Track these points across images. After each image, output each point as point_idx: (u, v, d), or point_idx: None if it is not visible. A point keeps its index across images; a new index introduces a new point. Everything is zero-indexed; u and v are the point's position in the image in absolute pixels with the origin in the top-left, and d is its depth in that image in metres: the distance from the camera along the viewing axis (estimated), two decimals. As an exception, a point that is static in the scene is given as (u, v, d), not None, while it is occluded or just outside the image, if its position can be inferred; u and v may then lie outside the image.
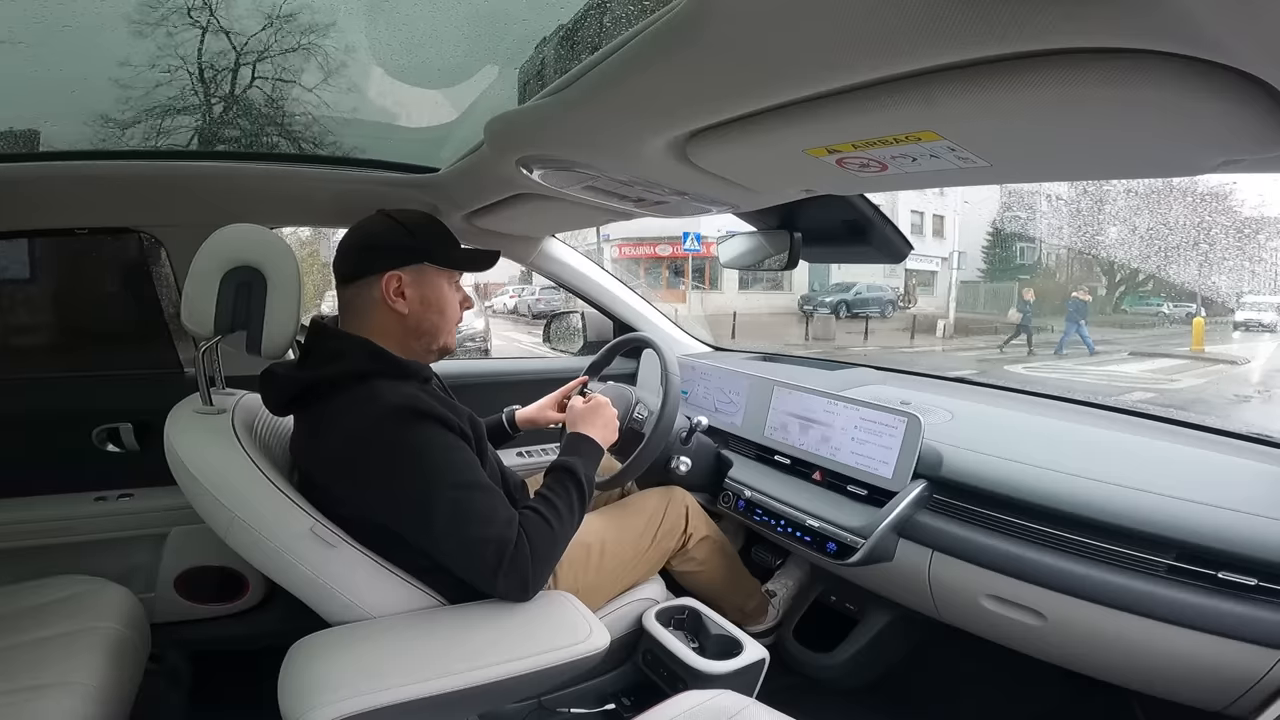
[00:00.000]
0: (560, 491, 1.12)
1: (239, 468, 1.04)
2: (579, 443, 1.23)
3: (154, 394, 1.27)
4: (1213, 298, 12.72)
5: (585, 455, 1.21)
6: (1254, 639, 0.94)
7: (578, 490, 1.14)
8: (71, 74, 1.25)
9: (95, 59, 1.24)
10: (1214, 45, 0.46)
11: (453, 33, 1.27)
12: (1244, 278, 10.64)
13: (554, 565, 1.10)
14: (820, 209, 1.41)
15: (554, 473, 1.17)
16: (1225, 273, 10.41)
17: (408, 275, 1.12)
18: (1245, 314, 12.25)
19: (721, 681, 1.25)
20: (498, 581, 1.01)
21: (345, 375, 1.06)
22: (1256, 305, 12.07)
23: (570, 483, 1.14)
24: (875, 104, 0.63)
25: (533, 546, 1.02)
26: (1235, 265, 10.33)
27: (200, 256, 1.09)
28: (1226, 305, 12.67)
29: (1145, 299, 16.69)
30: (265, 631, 1.66)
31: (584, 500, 1.15)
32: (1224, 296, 12.18)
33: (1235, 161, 0.66)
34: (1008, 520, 1.20)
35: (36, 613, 1.25)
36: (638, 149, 0.91)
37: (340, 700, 0.88)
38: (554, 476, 1.16)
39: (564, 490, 1.13)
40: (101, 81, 1.30)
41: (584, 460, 1.19)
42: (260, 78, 1.44)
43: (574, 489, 1.14)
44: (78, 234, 1.64)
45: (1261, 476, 1.17)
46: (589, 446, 1.23)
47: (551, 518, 1.07)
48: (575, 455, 1.19)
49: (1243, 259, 10.28)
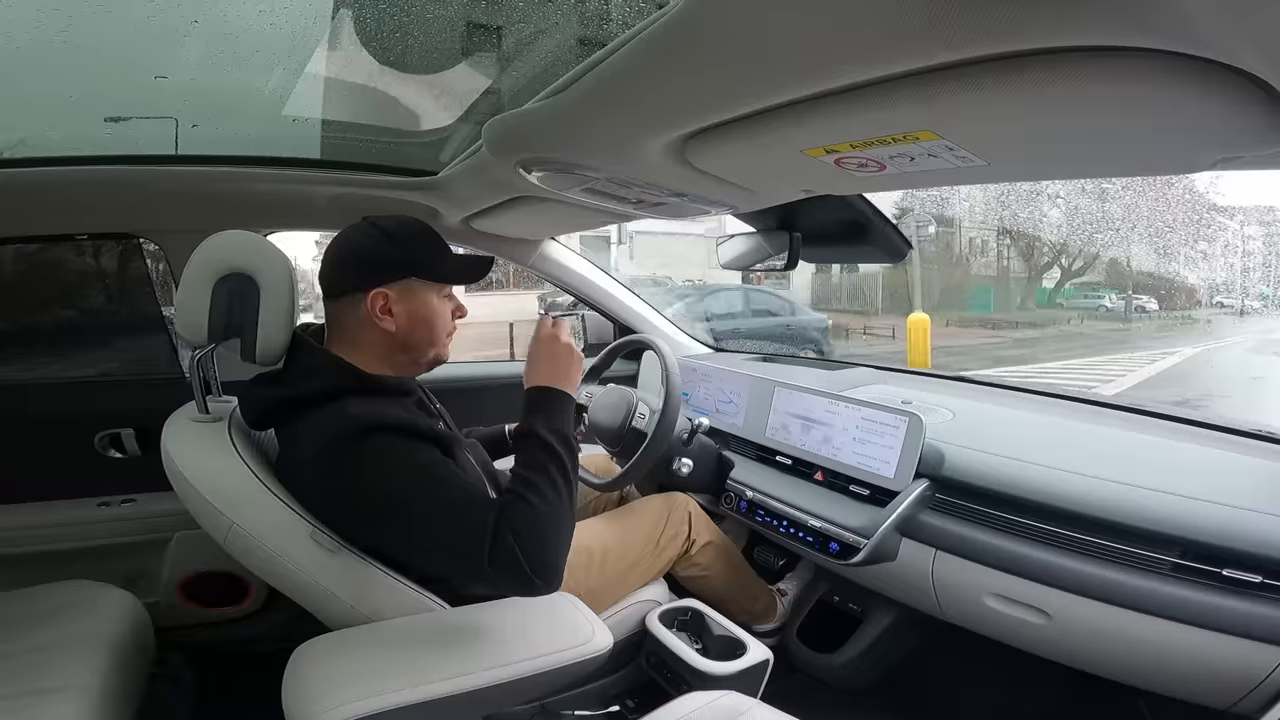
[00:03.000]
0: (529, 463, 1.02)
1: (235, 475, 1.04)
2: (532, 400, 1.10)
3: (156, 399, 1.27)
4: (1173, 289, 11.47)
5: (544, 411, 1.08)
6: (1259, 636, 0.93)
7: (545, 452, 1.02)
8: (69, 79, 1.25)
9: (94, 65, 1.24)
10: (1210, 43, 0.46)
11: (448, 32, 1.27)
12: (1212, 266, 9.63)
13: (559, 547, 0.99)
14: (819, 209, 1.41)
15: (516, 445, 1.08)
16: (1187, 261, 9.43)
17: (394, 292, 1.08)
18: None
19: (725, 682, 1.25)
20: (489, 572, 0.94)
21: (317, 394, 1.04)
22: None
23: (535, 449, 1.03)
24: (873, 104, 0.63)
25: (517, 535, 0.93)
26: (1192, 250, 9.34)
27: (192, 264, 1.08)
28: (1195, 297, 11.60)
29: (1090, 291, 13.99)
30: (269, 635, 1.66)
31: (560, 460, 1.03)
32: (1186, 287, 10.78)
33: (1232, 159, 0.66)
34: (1011, 519, 1.20)
35: (40, 618, 1.25)
36: (636, 150, 0.91)
37: (345, 704, 0.88)
38: (519, 450, 1.06)
39: (533, 461, 1.02)
40: (101, 86, 1.30)
41: (544, 417, 1.07)
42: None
43: (541, 453, 1.02)
44: (77, 239, 1.65)
45: (1266, 473, 1.17)
46: (541, 397, 1.10)
47: (529, 495, 0.97)
48: (533, 415, 1.08)
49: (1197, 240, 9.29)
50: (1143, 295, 12.31)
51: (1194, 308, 11.50)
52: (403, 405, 1.09)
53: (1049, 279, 14.61)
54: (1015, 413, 1.62)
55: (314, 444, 1.02)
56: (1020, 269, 14.78)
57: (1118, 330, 12.33)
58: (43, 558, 1.54)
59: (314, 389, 1.05)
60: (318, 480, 1.03)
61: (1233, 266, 10.71)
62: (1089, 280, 13.89)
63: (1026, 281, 14.68)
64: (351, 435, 0.99)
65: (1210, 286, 11.38)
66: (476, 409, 1.63)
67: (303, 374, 1.09)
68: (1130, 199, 9.84)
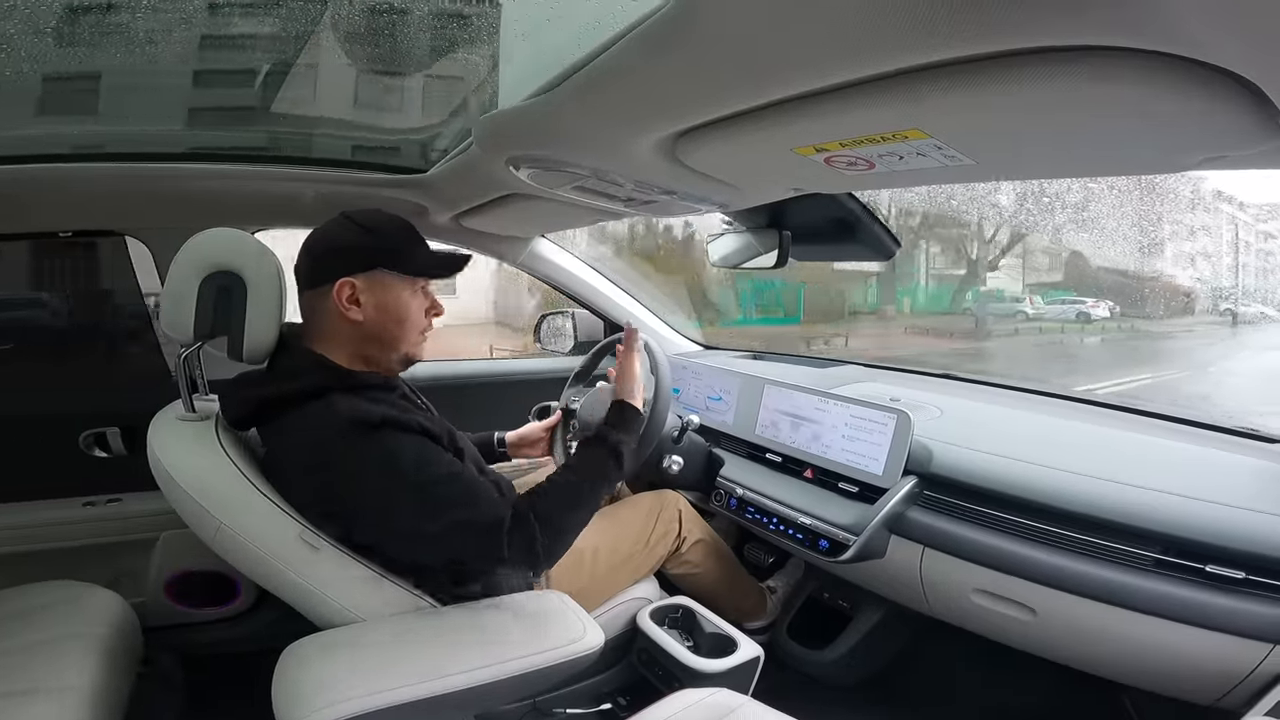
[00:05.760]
0: (592, 466, 1.15)
1: (222, 474, 1.04)
2: (618, 413, 1.24)
3: (141, 398, 1.26)
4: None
5: (625, 427, 1.22)
6: (1243, 632, 0.94)
7: (615, 463, 1.16)
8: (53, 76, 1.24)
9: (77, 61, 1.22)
10: (1197, 43, 0.46)
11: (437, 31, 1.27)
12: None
13: (572, 535, 1.10)
14: (809, 207, 1.41)
15: (585, 443, 1.20)
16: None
17: (361, 282, 1.07)
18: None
19: (717, 679, 1.25)
20: (503, 548, 1.00)
21: (299, 394, 1.04)
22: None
23: (608, 458, 1.16)
24: (863, 103, 0.63)
25: (537, 512, 1.03)
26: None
27: (177, 262, 1.07)
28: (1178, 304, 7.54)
29: (998, 294, 10.29)
30: (258, 635, 1.65)
31: (615, 474, 1.16)
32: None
33: (1218, 158, 0.66)
34: (997, 516, 1.21)
35: (26, 618, 1.24)
36: (626, 148, 0.91)
37: (335, 704, 0.88)
38: (592, 449, 1.18)
39: (599, 468, 1.14)
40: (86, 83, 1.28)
41: (625, 432, 1.21)
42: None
43: (610, 464, 1.15)
44: (61, 237, 1.63)
45: (1250, 470, 1.18)
46: (625, 411, 1.24)
47: (565, 482, 1.10)
48: (618, 428, 1.21)
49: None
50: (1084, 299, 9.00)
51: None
52: (389, 401, 1.09)
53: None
54: (1002, 410, 1.64)
55: (301, 442, 1.02)
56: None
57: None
58: (27, 558, 1.52)
59: (298, 387, 1.04)
60: (307, 477, 1.03)
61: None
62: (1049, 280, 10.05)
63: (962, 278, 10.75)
64: (347, 434, 0.99)
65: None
66: (461, 407, 1.63)
67: (285, 372, 1.09)
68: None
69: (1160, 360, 6.71)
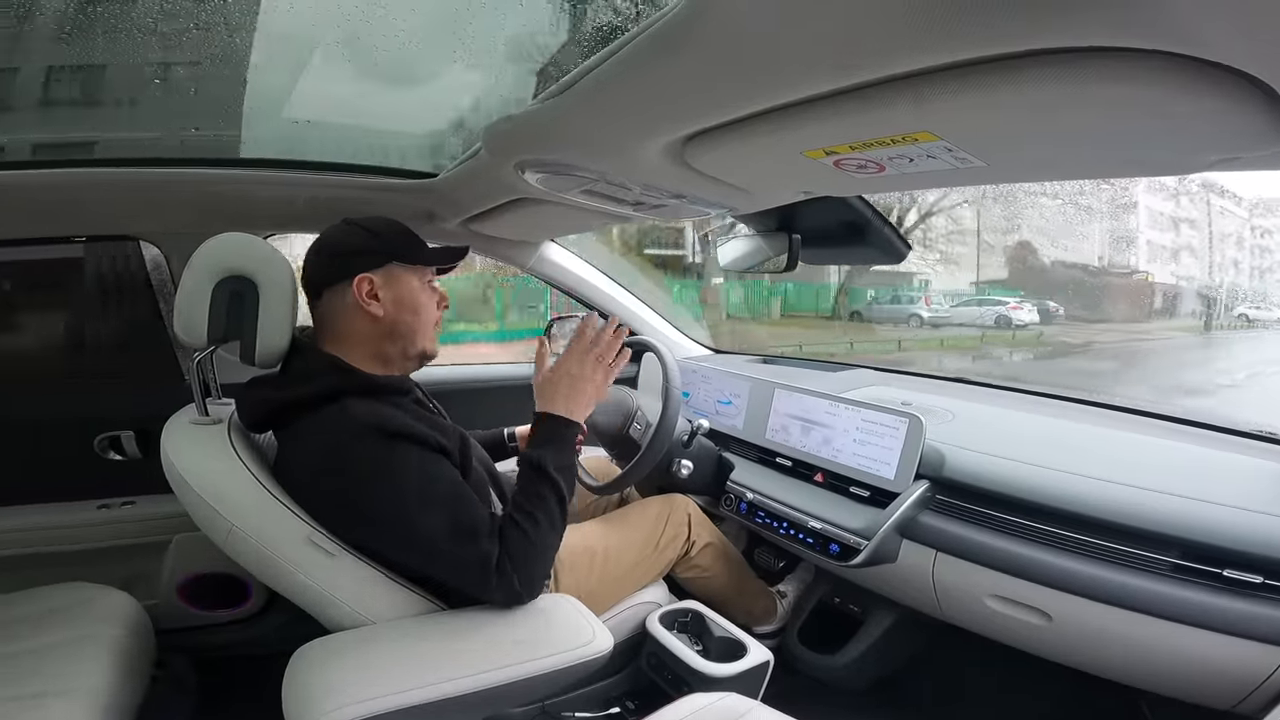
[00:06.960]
0: (533, 496, 1.06)
1: (235, 477, 1.04)
2: (546, 429, 1.14)
3: (155, 402, 1.27)
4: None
5: (555, 442, 1.12)
6: (1260, 637, 0.93)
7: (550, 488, 1.07)
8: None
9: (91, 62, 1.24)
10: (1209, 44, 0.46)
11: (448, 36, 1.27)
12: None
13: (546, 568, 1.09)
14: (819, 210, 1.41)
15: (523, 471, 1.10)
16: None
17: (378, 277, 1.11)
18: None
19: (726, 684, 1.25)
20: (489, 593, 1.03)
21: (314, 397, 1.05)
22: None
23: (541, 483, 1.07)
24: (872, 105, 0.63)
25: (513, 560, 1.02)
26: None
27: (191, 267, 1.09)
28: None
29: (895, 292, 8.40)
30: (269, 637, 1.66)
31: (561, 495, 1.08)
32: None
33: (1231, 159, 0.66)
34: (1011, 520, 1.20)
35: (40, 620, 1.25)
36: (635, 152, 0.91)
37: (345, 706, 0.88)
38: (524, 477, 1.09)
39: (536, 495, 1.06)
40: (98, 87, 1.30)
41: (554, 450, 1.11)
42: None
43: (546, 488, 1.07)
44: (76, 242, 1.65)
45: (1266, 474, 1.17)
46: (557, 428, 1.13)
47: (528, 527, 1.03)
48: (543, 447, 1.11)
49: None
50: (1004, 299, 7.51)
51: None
52: (403, 406, 1.10)
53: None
54: (1015, 414, 1.62)
55: (315, 445, 1.03)
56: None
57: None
58: (42, 560, 1.54)
59: (313, 391, 1.05)
60: (318, 481, 1.04)
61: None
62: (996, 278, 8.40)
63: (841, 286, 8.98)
64: (363, 438, 1.00)
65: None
66: (474, 410, 1.63)
67: (300, 376, 1.10)
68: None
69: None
